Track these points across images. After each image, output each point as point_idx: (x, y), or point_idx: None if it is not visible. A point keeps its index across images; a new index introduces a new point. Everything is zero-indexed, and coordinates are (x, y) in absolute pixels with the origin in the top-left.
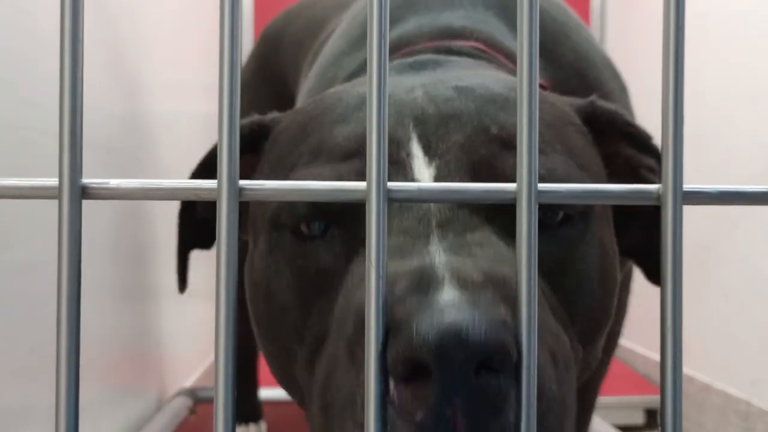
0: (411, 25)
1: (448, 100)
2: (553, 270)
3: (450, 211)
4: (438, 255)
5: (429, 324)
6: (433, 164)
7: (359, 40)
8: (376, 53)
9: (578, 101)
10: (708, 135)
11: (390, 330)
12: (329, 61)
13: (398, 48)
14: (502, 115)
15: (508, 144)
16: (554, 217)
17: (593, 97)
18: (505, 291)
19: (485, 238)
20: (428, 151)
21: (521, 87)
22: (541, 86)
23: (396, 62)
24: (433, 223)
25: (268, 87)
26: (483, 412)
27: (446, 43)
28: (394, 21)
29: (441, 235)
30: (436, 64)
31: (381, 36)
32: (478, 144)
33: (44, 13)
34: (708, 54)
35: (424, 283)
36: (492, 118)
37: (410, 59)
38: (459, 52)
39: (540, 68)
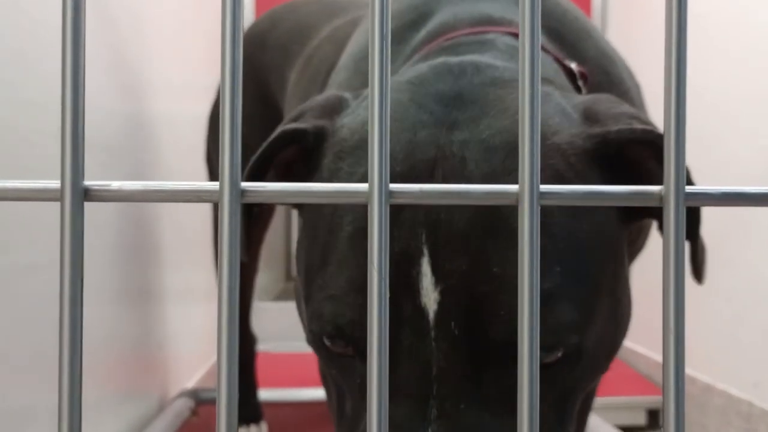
0: (448, 14)
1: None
2: (554, 392)
3: (445, 361)
4: None
5: None
6: (438, 289)
7: (392, 33)
8: (378, 58)
9: (617, 134)
10: (709, 135)
11: None
12: (361, 54)
13: (440, 34)
14: (510, 253)
15: (507, 284)
16: (552, 355)
17: (630, 123)
18: None
19: (478, 418)
20: (436, 270)
21: (523, 90)
22: (581, 74)
23: (441, 60)
24: (433, 385)
25: (251, 88)
26: None
27: (487, 29)
28: (430, 13)
29: (438, 411)
30: (476, 70)
31: (383, 39)
32: (477, 279)
33: (45, 14)
34: (709, 54)
35: None
36: (499, 251)
37: (455, 60)
38: (504, 48)
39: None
